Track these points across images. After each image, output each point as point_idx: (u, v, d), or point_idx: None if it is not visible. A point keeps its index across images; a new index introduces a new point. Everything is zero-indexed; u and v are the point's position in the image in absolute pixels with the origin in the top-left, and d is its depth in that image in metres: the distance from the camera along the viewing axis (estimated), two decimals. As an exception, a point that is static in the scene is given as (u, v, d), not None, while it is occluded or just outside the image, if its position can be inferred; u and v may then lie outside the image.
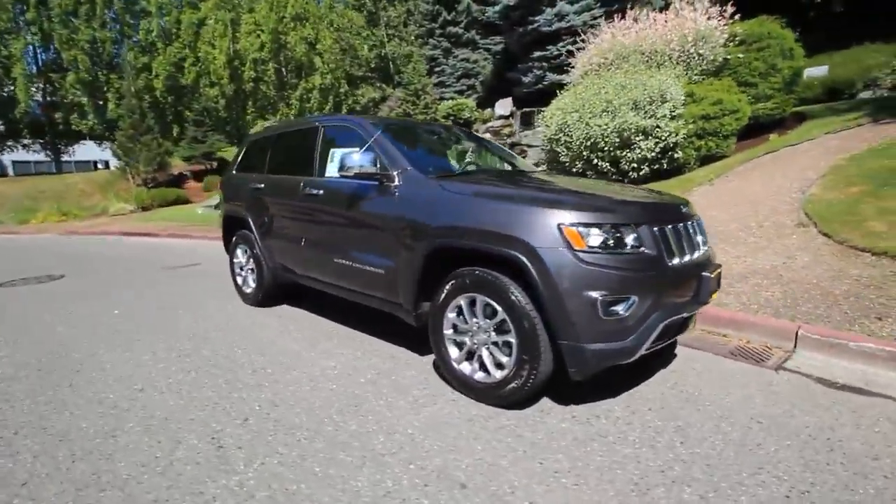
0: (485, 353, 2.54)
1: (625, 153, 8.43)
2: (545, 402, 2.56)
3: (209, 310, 4.49)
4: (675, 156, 8.40)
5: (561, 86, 16.24)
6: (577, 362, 2.23)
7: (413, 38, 20.30)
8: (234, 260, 4.69)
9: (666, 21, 9.73)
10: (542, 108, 15.94)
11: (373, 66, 19.56)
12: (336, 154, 3.50)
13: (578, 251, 2.18)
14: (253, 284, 4.48)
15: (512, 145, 14.99)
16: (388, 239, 2.92)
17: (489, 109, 18.49)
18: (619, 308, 2.19)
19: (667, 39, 9.39)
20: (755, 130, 9.43)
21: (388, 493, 1.89)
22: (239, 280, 4.69)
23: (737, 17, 9.34)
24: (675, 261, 2.37)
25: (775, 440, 2.21)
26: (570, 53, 16.36)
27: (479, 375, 2.57)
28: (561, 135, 9.10)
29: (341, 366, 3.11)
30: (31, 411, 2.61)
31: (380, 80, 19.93)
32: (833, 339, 3.19)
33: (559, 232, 2.20)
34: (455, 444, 2.21)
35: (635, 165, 8.45)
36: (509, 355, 2.43)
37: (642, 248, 2.26)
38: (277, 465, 2.08)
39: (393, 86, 19.90)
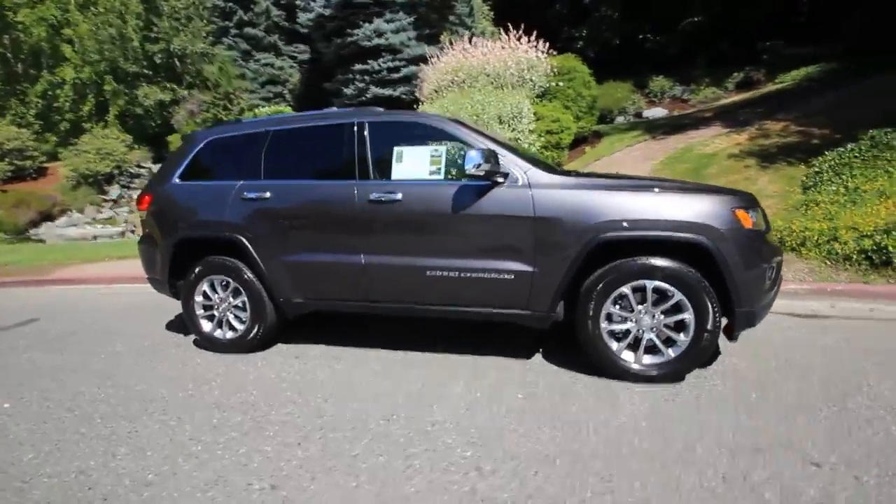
0: (653, 336, 2.69)
1: (496, 162, 9.36)
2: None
3: (173, 368, 3.22)
4: (532, 164, 9.76)
5: (385, 100, 16.76)
6: (748, 323, 2.63)
7: (204, 34, 17.73)
8: (197, 299, 3.47)
9: (500, 48, 11.18)
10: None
11: (158, 62, 16.22)
12: (406, 153, 3.06)
13: (748, 230, 2.57)
14: (241, 326, 3.42)
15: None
16: (523, 241, 2.76)
17: (310, 120, 17.58)
18: (771, 273, 2.69)
19: (507, 65, 10.82)
20: (571, 144, 11.69)
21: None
22: (206, 325, 3.50)
23: (553, 52, 11.40)
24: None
25: (874, 355, 2.99)
26: (392, 70, 17.09)
27: (648, 359, 2.71)
28: (436, 145, 9.48)
29: (474, 392, 2.75)
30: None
31: (167, 79, 16.68)
32: (769, 287, 4.44)
33: (733, 215, 2.55)
34: (703, 422, 2.31)
35: (504, 173, 9.47)
36: (681, 332, 2.64)
37: (764, 225, 2.80)
38: None
39: (184, 87, 16.96)
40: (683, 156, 8.90)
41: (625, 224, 2.61)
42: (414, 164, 3.04)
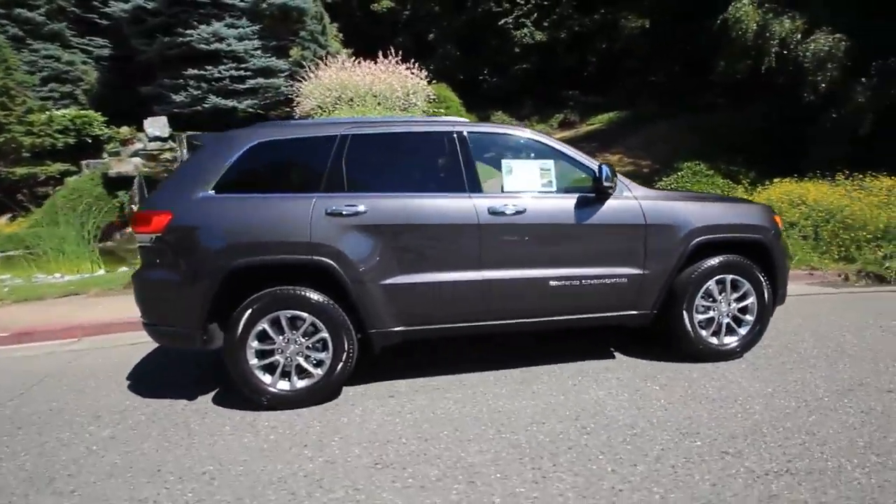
0: (729, 321, 3.27)
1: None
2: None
3: (247, 439, 2.44)
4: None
5: (229, 111, 14.91)
6: (781, 301, 3.42)
7: (-53, 7, 13.16)
8: (252, 344, 2.70)
9: (381, 70, 11.30)
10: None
11: None
12: (515, 166, 3.05)
13: (780, 230, 3.39)
14: (318, 370, 2.79)
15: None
16: (636, 247, 3.05)
17: (125, 127, 14.43)
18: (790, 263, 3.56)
19: (393, 87, 10.98)
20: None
21: None
22: (265, 377, 2.74)
23: (431, 81, 12.03)
24: None
25: (821, 317, 4.13)
26: (237, 79, 15.30)
27: (728, 339, 3.28)
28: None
29: (617, 393, 2.89)
30: None
31: None
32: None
33: (773, 219, 3.33)
34: (799, 379, 2.93)
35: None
36: (746, 314, 3.29)
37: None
38: None
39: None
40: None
41: (715, 228, 3.15)
42: (525, 177, 3.05)
